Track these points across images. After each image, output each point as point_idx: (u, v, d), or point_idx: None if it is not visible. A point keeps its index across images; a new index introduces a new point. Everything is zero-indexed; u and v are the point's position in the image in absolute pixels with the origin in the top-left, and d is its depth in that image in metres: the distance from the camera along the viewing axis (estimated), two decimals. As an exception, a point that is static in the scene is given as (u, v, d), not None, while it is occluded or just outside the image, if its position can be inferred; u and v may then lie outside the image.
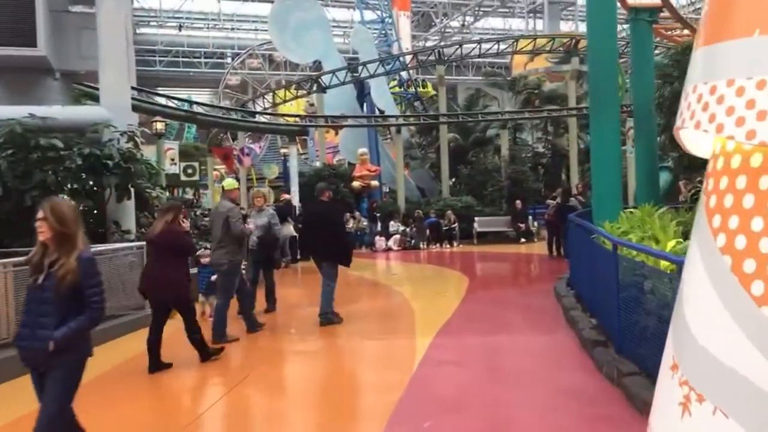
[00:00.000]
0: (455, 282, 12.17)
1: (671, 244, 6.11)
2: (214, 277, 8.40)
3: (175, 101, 20.41)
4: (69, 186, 9.67)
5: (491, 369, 5.92)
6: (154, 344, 6.22)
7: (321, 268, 8.20)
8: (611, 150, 9.17)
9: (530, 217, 20.15)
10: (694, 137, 1.70)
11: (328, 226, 8.20)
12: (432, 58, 25.69)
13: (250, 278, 8.67)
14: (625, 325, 5.71)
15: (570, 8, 46.35)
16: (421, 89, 29.62)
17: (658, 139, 10.95)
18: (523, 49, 25.67)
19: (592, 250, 7.35)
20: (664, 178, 12.93)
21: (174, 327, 6.53)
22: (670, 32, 12.88)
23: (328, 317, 8.03)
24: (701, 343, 1.42)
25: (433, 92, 28.65)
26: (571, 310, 7.45)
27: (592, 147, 9.58)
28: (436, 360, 6.25)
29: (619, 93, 24.37)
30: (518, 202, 19.61)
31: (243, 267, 8.18)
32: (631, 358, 5.43)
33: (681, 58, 9.67)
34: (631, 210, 8.71)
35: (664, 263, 5.53)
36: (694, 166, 10.45)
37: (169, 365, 6.29)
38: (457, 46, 26.61)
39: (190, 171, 26.34)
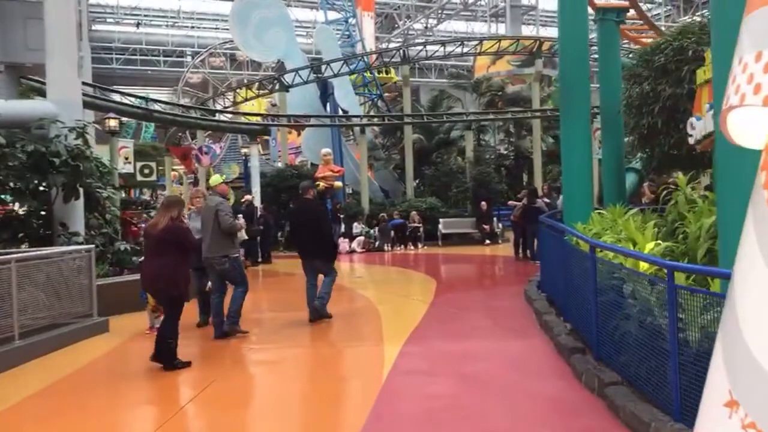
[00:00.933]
0: (422, 285, 11.88)
1: (650, 246, 5.92)
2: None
3: (131, 98, 19.63)
4: (12, 185, 9.04)
5: (466, 378, 5.61)
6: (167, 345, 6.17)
7: (312, 266, 8.30)
8: (582, 151, 9.05)
9: (495, 219, 20.03)
10: (745, 124, 1.39)
11: (316, 224, 8.24)
12: (397, 58, 25.41)
13: (197, 285, 8.02)
14: (603, 331, 5.49)
15: (531, 13, 46.83)
16: (385, 75, 29.24)
17: (628, 139, 10.86)
18: (488, 51, 25.60)
19: (565, 253, 7.13)
20: (630, 179, 12.90)
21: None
22: (636, 34, 12.87)
23: (318, 313, 8.12)
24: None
25: (397, 78, 28.31)
26: (545, 315, 7.22)
27: (562, 148, 9.44)
28: (407, 369, 5.92)
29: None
30: (483, 203, 19.48)
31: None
32: (611, 366, 5.20)
33: (650, 57, 9.53)
34: (601, 211, 8.57)
35: (643, 265, 5.33)
36: (664, 167, 10.34)
37: (188, 364, 6.21)
38: (421, 47, 26.36)
39: (146, 171, 25.35)
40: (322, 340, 7.46)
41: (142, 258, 7.12)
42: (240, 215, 8.31)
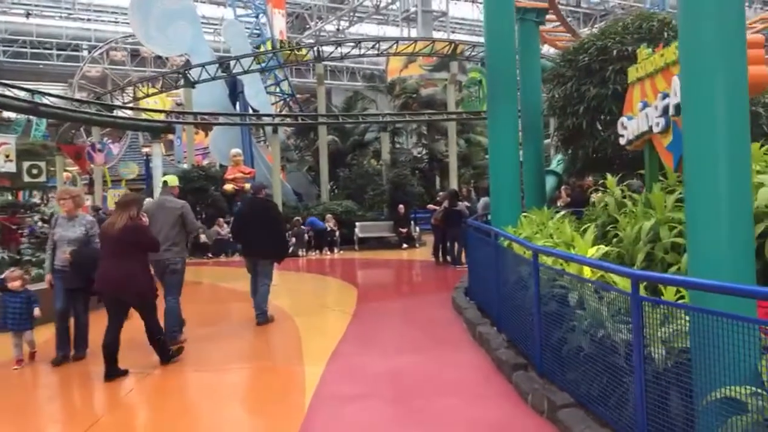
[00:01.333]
0: (342, 293, 11.18)
1: (592, 251, 5.53)
2: (37, 311, 6.63)
3: (14, 90, 17.68)
4: None
5: (402, 403, 4.97)
6: (111, 348, 5.92)
7: (256, 266, 8.33)
8: (509, 153, 8.76)
9: (413, 222, 19.67)
10: None
11: (269, 224, 8.28)
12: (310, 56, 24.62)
13: (59, 308, 6.62)
14: (548, 345, 5.03)
15: (441, 19, 47.27)
16: (297, 53, 28.24)
17: (550, 141, 10.68)
18: (404, 52, 25.28)
19: (499, 258, 6.67)
20: (550, 182, 12.83)
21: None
22: (553, 37, 12.82)
23: (266, 316, 8.21)
24: None
25: (308, 56, 27.36)
26: (479, 326, 6.72)
27: (490, 150, 9.13)
28: (333, 395, 5.21)
29: (485, 103, 24.78)
30: (401, 206, 19.08)
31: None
32: (559, 385, 4.74)
33: (574, 57, 9.36)
34: (527, 214, 8.24)
35: (586, 271, 4.92)
36: (588, 169, 10.21)
37: (125, 372, 5.98)
38: (336, 45, 25.67)
39: (35, 171, 23.14)
40: (232, 362, 6.59)
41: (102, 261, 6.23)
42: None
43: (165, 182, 7.95)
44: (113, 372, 5.91)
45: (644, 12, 9.77)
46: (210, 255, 18.15)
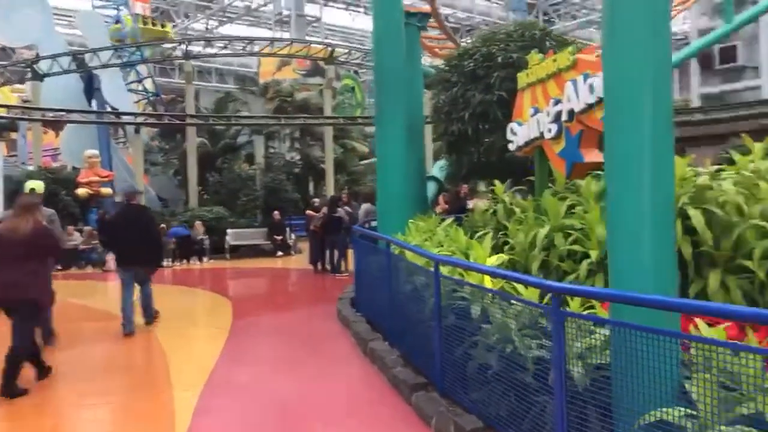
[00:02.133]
0: (215, 307, 10.25)
1: (492, 260, 5.26)
2: None
3: None
4: None
5: (290, 436, 4.37)
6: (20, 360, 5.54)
7: (136, 275, 8.18)
8: (397, 159, 8.51)
9: (288, 229, 18.94)
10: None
11: (143, 232, 8.11)
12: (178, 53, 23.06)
13: None
14: (450, 362, 4.67)
15: (315, 24, 46.81)
16: (160, 28, 26.33)
17: (435, 144, 10.54)
18: (279, 53, 24.43)
19: (391, 268, 6.26)
20: (431, 189, 12.72)
21: None
22: (433, 43, 12.80)
23: (152, 318, 8.38)
24: None
25: (171, 32, 25.64)
26: (370, 341, 6.24)
27: (377, 155, 8.84)
28: (210, 428, 4.48)
29: (357, 110, 24.80)
30: (276, 212, 18.32)
31: None
32: (464, 406, 4.38)
33: (459, 62, 9.24)
34: (415, 221, 7.95)
35: (487, 281, 4.63)
36: (473, 175, 10.13)
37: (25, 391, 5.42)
38: (206, 42, 24.31)
39: None
40: (85, 392, 5.60)
41: None
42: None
43: (32, 189, 7.73)
44: (12, 389, 5.41)
45: (526, 21, 9.89)
46: (59, 267, 16.23)
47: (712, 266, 4.78)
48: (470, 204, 12.37)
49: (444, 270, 4.96)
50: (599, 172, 6.33)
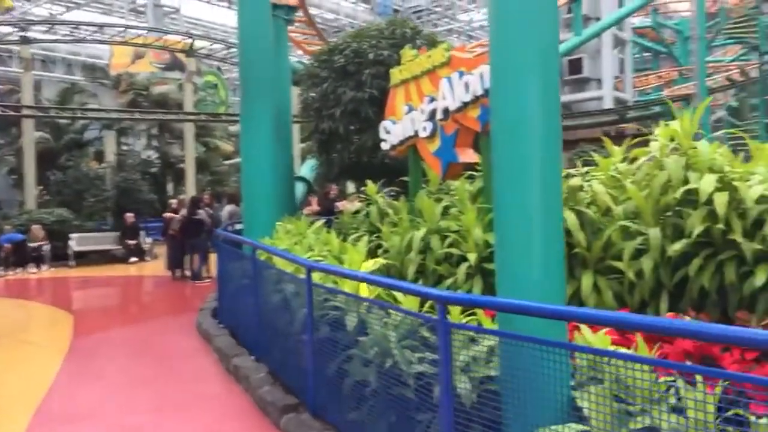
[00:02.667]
0: (53, 323, 9.01)
1: (368, 264, 4.92)
2: None
3: None
4: None
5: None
6: None
7: None
8: (264, 157, 8.00)
9: (143, 233, 17.50)
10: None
11: None
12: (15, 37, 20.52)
13: None
14: (324, 379, 4.25)
15: (173, 16, 44.33)
16: None
17: (305, 144, 10.08)
18: (133, 42, 22.60)
19: (260, 276, 5.72)
20: (299, 189, 12.23)
21: None
22: (301, 38, 12.32)
23: None
24: None
25: (11, 3, 22.82)
26: (234, 357, 5.65)
27: (243, 154, 8.29)
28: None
29: (221, 108, 23.67)
30: (129, 215, 16.86)
31: None
32: (338, 428, 3.98)
33: (329, 58, 8.86)
34: (281, 223, 7.47)
35: (363, 288, 4.28)
36: (345, 175, 9.76)
37: None
38: (49, 27, 21.92)
39: None
40: None
41: None
42: None
43: None
44: None
45: (397, 19, 9.72)
46: None
47: (584, 267, 4.79)
48: (339, 206, 12.03)
49: (316, 277, 4.54)
50: (474, 172, 6.25)
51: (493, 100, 3.35)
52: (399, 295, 4.08)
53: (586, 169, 5.68)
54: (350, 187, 16.11)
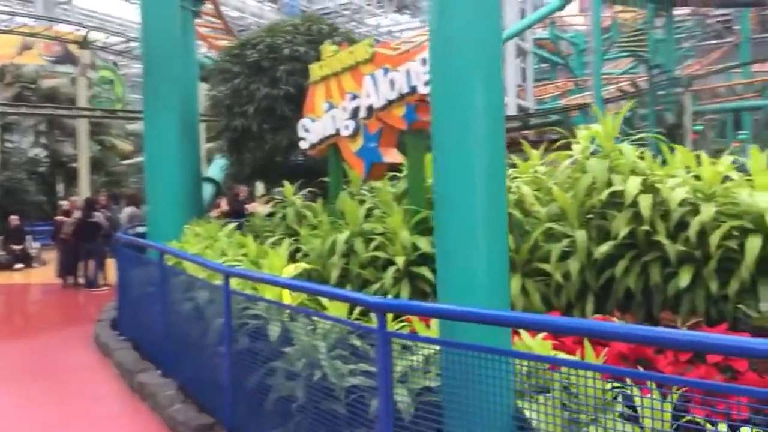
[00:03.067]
0: None
1: (289, 269, 4.61)
2: None
3: None
4: None
5: None
6: None
7: None
8: (169, 156, 7.53)
9: (30, 237, 16.13)
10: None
11: None
12: None
13: None
14: (243, 396, 3.91)
15: (65, 6, 41.54)
16: None
17: (214, 143, 9.56)
18: (20, 31, 20.84)
19: (168, 283, 5.26)
20: (207, 191, 11.62)
21: None
22: (209, 33, 11.74)
23: None
24: None
25: None
26: (139, 373, 5.15)
27: (146, 153, 7.79)
28: None
29: (117, 105, 22.38)
30: (13, 217, 15.49)
31: None
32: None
33: (241, 52, 8.43)
34: (190, 226, 7.01)
35: (286, 295, 3.99)
36: (258, 175, 9.30)
37: None
38: None
39: None
40: None
41: None
42: None
43: None
44: None
45: (313, 16, 9.43)
46: None
47: (512, 270, 4.73)
48: (249, 208, 11.55)
49: (234, 283, 4.18)
50: (397, 173, 6.08)
51: (435, 100, 3.16)
52: (325, 301, 3.83)
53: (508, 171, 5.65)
54: (260, 188, 15.58)
